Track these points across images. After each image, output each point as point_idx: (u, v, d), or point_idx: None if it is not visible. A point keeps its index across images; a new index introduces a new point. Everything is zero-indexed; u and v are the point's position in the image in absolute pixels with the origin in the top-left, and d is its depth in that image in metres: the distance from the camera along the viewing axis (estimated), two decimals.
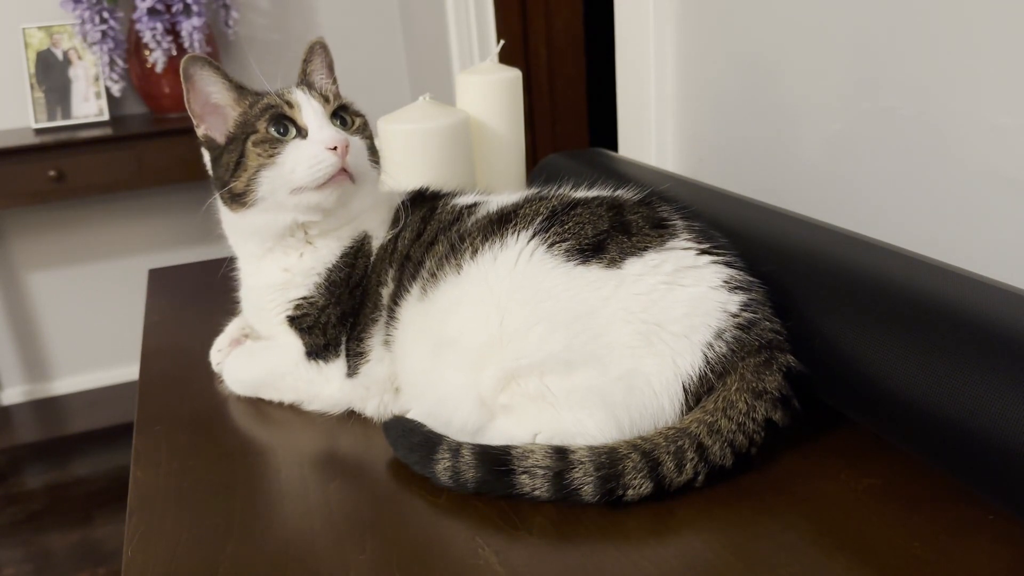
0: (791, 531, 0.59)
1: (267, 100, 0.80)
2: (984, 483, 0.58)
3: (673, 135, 1.31)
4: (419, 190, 0.90)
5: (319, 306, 0.81)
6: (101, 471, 2.57)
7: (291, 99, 0.79)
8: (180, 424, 0.81)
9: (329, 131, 0.78)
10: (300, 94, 0.80)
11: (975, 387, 0.56)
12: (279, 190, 0.77)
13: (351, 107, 0.84)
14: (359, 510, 0.65)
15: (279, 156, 0.76)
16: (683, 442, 0.63)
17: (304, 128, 0.78)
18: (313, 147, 0.76)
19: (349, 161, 0.77)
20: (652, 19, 1.26)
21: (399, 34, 2.96)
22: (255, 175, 0.77)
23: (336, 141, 0.76)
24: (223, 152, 0.80)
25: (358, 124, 0.83)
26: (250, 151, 0.77)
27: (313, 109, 0.79)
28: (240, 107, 0.81)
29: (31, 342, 2.91)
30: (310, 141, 0.77)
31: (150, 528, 0.64)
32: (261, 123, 0.78)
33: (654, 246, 0.69)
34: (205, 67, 0.79)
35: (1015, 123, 0.75)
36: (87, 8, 2.40)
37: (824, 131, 0.98)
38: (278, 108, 0.78)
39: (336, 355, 0.80)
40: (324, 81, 0.86)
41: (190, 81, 0.79)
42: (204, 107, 0.81)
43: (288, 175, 0.76)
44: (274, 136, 0.77)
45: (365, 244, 0.83)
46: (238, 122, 0.80)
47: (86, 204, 2.77)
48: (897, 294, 0.66)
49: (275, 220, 0.80)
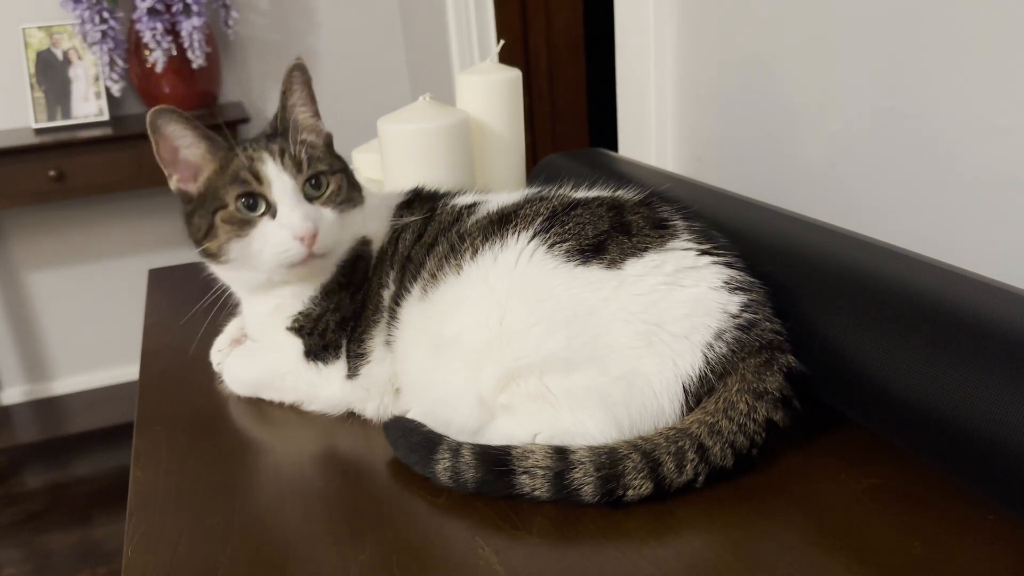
0: (791, 531, 0.59)
1: (236, 166, 0.76)
2: (984, 483, 0.58)
3: (673, 135, 1.31)
4: (415, 190, 0.90)
5: (316, 316, 0.81)
6: (101, 471, 2.57)
7: (261, 172, 0.76)
8: (180, 424, 0.81)
9: (297, 216, 0.75)
10: (271, 166, 0.76)
11: (975, 387, 0.56)
12: (250, 259, 0.77)
13: (326, 166, 0.79)
14: (359, 510, 0.65)
15: (247, 235, 0.76)
16: (684, 443, 0.63)
17: (274, 205, 0.76)
18: (281, 233, 0.75)
19: (318, 247, 0.76)
20: (652, 19, 1.26)
21: (399, 34, 2.96)
22: (226, 244, 0.77)
23: (303, 232, 0.75)
24: (194, 212, 0.79)
25: (331, 189, 0.79)
26: (219, 225, 0.77)
27: (283, 185, 0.76)
28: (211, 162, 0.78)
29: (31, 342, 2.91)
30: (279, 224, 0.75)
31: (150, 528, 0.64)
32: (230, 197, 0.76)
33: (654, 247, 0.68)
34: (172, 120, 0.76)
35: (1014, 123, 0.75)
36: (87, 8, 2.40)
37: (824, 131, 0.98)
38: (248, 185, 0.76)
39: (336, 357, 0.80)
40: (305, 115, 0.82)
41: (158, 134, 0.77)
42: (174, 157, 0.79)
43: (256, 254, 0.76)
44: (243, 216, 0.76)
45: (365, 249, 0.83)
46: (208, 185, 0.78)
47: (86, 204, 2.77)
48: (897, 294, 0.66)
49: (252, 276, 0.80)
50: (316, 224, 0.76)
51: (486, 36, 2.23)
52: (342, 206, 0.79)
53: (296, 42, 2.84)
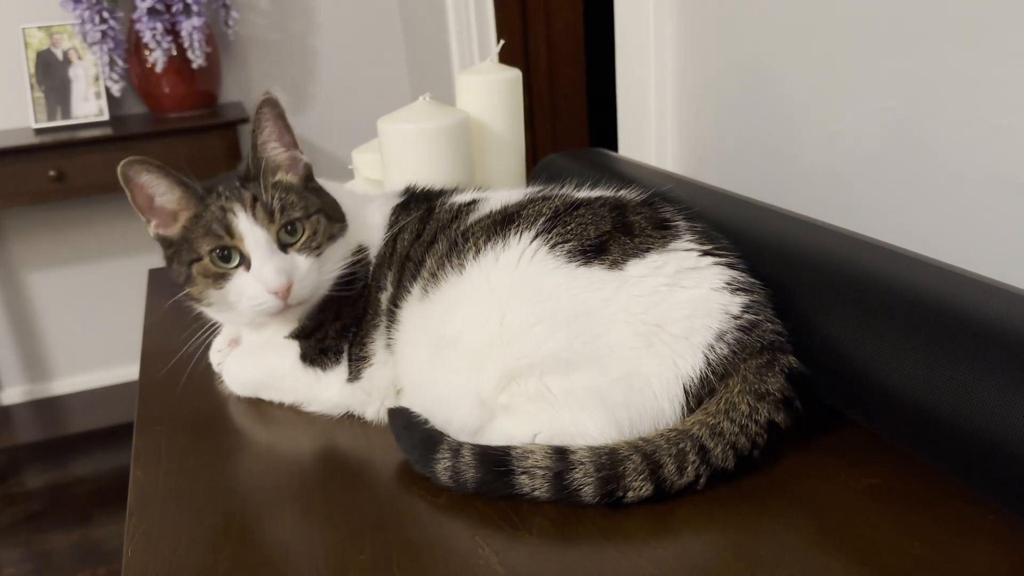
0: (791, 531, 0.59)
1: (209, 218, 0.76)
2: (984, 483, 0.58)
3: (673, 135, 1.31)
4: (408, 189, 0.89)
5: (311, 328, 0.81)
6: (101, 471, 2.57)
7: (233, 225, 0.75)
8: (180, 424, 0.81)
9: (270, 269, 0.75)
10: (243, 219, 0.75)
11: (975, 387, 0.56)
12: (229, 307, 0.78)
13: (300, 212, 0.77)
14: (359, 510, 0.65)
15: (223, 287, 0.77)
16: (685, 444, 0.63)
17: (247, 257, 0.76)
18: (255, 286, 0.76)
19: (292, 299, 0.76)
20: (652, 20, 1.26)
21: (399, 34, 2.96)
22: (204, 291, 0.78)
23: (276, 286, 0.75)
24: (173, 258, 0.79)
25: (306, 235, 0.78)
26: (196, 276, 0.77)
27: (256, 238, 0.75)
28: (187, 209, 0.78)
29: (31, 342, 2.91)
30: (253, 277, 0.76)
31: (150, 528, 0.64)
32: (204, 250, 0.76)
33: (656, 247, 0.68)
34: (145, 170, 0.76)
35: (1015, 123, 0.75)
36: (87, 8, 2.40)
37: (824, 131, 0.98)
38: (220, 239, 0.75)
39: (336, 361, 0.80)
40: (278, 152, 0.80)
41: (131, 184, 0.77)
42: (150, 204, 0.78)
43: (233, 302, 0.77)
44: (217, 269, 0.76)
45: (363, 257, 0.82)
46: (185, 233, 0.78)
47: (86, 204, 2.76)
48: (897, 294, 0.66)
49: (236, 318, 0.81)
50: (290, 276, 0.76)
51: (486, 36, 2.23)
52: (319, 249, 0.78)
53: (296, 42, 2.85)
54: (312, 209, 0.79)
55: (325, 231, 0.79)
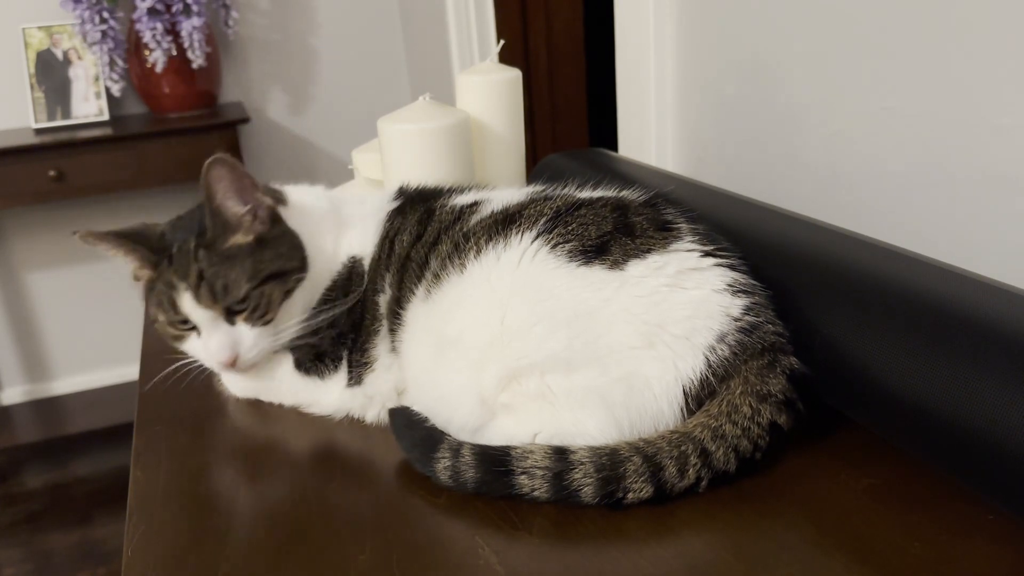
0: (791, 532, 0.59)
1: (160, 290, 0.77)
2: (984, 483, 0.58)
3: (673, 135, 1.31)
4: (401, 191, 0.89)
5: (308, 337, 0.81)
6: (101, 471, 2.57)
7: (179, 304, 0.76)
8: (180, 424, 0.81)
9: (214, 343, 0.77)
10: (187, 300, 0.76)
11: (975, 387, 0.56)
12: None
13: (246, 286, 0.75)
14: (359, 510, 0.65)
15: (182, 343, 0.81)
16: (687, 447, 0.63)
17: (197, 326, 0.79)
18: (205, 352, 0.79)
19: (239, 366, 0.79)
20: (652, 19, 1.26)
21: (399, 34, 2.96)
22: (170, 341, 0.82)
23: (221, 358, 0.78)
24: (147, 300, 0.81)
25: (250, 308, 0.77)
26: (161, 325, 0.80)
27: (200, 317, 0.77)
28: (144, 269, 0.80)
29: (31, 342, 2.91)
30: (203, 345, 0.79)
31: (150, 528, 0.65)
32: (160, 315, 0.79)
33: (657, 248, 0.68)
34: (100, 241, 0.79)
35: (1015, 123, 0.75)
36: (87, 8, 2.40)
37: (824, 131, 0.98)
38: (169, 314, 0.78)
39: (335, 367, 0.80)
40: (235, 208, 0.77)
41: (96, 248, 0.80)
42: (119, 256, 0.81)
43: (194, 354, 0.81)
44: (174, 331, 0.80)
45: (356, 269, 0.82)
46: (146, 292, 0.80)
47: (86, 204, 2.77)
48: (897, 294, 0.66)
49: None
50: (234, 350, 0.78)
51: (486, 36, 2.23)
52: (266, 317, 0.78)
53: (296, 42, 2.85)
54: (262, 275, 0.77)
55: (275, 299, 0.78)
